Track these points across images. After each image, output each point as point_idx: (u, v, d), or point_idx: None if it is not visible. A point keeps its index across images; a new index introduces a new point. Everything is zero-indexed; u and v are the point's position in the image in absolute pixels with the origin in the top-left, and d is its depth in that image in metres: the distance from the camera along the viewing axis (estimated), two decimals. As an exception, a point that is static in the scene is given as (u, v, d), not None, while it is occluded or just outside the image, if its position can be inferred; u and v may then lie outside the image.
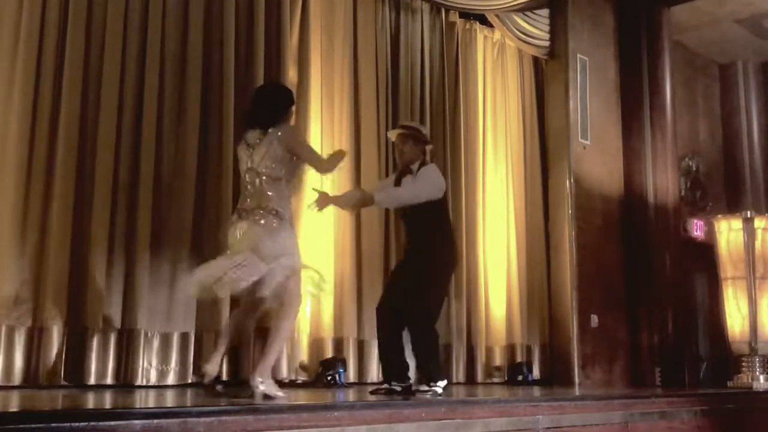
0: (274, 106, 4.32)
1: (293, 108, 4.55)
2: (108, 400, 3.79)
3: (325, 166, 4.36)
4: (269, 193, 4.14)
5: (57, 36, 5.20)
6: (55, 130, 5.11)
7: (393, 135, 5.46)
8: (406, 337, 5.02)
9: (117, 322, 5.19)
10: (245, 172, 4.26)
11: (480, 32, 7.92)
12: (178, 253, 5.48)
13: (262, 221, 4.08)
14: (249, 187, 4.21)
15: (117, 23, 5.44)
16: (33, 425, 2.44)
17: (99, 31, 5.37)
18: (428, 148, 5.41)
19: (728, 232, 7.71)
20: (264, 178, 4.17)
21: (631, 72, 8.86)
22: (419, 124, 5.85)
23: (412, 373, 5.00)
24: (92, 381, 5.01)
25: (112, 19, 5.41)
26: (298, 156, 4.28)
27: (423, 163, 5.19)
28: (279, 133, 4.19)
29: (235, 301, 4.89)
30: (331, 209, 6.06)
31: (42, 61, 5.13)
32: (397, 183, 5.25)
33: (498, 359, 7.49)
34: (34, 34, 5.12)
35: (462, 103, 7.55)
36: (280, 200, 4.16)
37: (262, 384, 3.88)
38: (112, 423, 2.59)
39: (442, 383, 4.91)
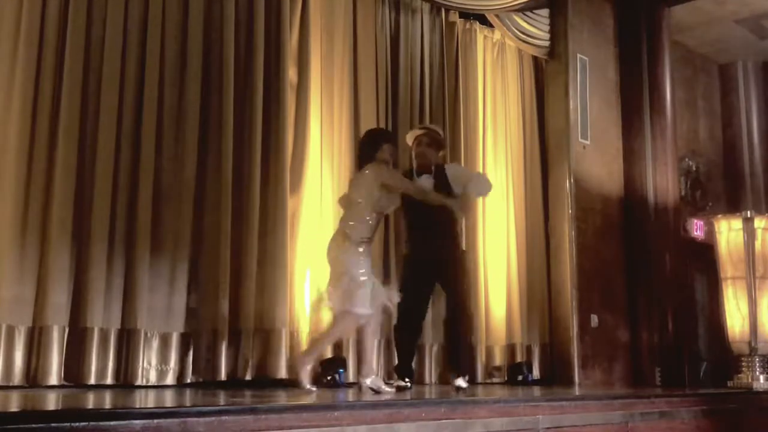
0: None
1: None
2: (108, 400, 3.79)
3: None
4: None
5: (57, 36, 5.20)
6: (55, 130, 5.11)
7: (412, 137, 5.54)
8: None
9: (117, 322, 5.20)
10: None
11: (480, 32, 7.91)
12: (178, 253, 5.49)
13: None
14: None
15: (117, 23, 5.44)
16: (33, 425, 2.44)
17: (99, 30, 5.37)
18: (442, 153, 5.61)
19: (728, 232, 7.68)
20: None
21: (631, 72, 8.85)
22: (440, 128, 6.03)
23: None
24: (92, 381, 5.02)
25: (112, 19, 5.41)
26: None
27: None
28: None
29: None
30: (327, 208, 6.11)
31: (42, 60, 5.13)
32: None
33: (498, 359, 7.48)
34: (34, 34, 5.12)
35: (462, 103, 7.54)
36: None
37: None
38: (112, 423, 2.59)
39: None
